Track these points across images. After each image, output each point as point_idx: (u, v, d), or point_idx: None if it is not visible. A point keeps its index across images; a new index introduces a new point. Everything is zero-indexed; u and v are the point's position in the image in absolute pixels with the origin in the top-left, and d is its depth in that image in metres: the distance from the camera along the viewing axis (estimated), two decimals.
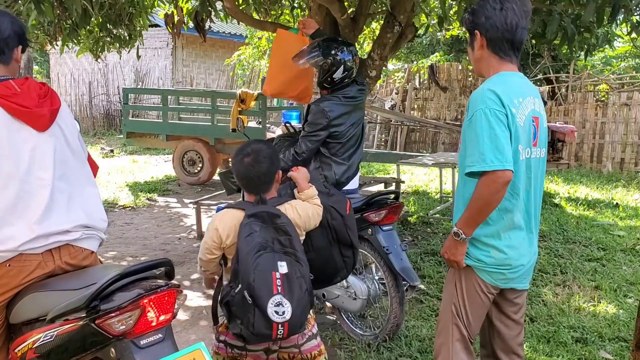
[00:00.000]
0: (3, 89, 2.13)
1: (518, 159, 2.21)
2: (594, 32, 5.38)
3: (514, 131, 2.17)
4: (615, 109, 12.22)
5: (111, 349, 1.93)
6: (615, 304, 4.54)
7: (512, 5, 2.24)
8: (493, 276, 2.35)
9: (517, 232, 2.33)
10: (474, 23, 2.31)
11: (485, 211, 2.22)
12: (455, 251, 2.34)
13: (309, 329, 2.59)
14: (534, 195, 2.37)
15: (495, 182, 2.13)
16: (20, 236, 2.10)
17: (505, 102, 2.16)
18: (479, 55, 2.35)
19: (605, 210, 8.12)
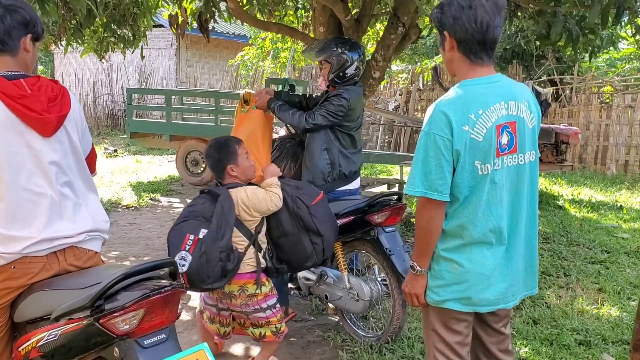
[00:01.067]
0: (13, 89, 2.08)
1: (477, 175, 2.11)
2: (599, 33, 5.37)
3: (466, 149, 2.07)
4: (620, 111, 12.19)
5: (115, 349, 1.93)
6: (619, 307, 4.53)
7: (482, 2, 2.08)
8: (462, 298, 2.22)
9: (481, 247, 2.19)
10: (441, 22, 2.16)
11: (428, 240, 2.21)
12: (416, 284, 2.30)
13: (256, 302, 3.14)
14: (513, 204, 2.23)
15: (427, 208, 2.15)
16: (25, 239, 2.09)
17: (454, 121, 2.06)
18: (449, 57, 2.22)
19: (609, 213, 8.10)
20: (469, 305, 2.22)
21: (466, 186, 2.13)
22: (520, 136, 2.18)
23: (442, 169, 2.08)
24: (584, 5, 4.69)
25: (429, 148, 2.09)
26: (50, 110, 2.15)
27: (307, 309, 4.45)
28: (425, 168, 2.11)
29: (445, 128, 2.06)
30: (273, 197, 3.21)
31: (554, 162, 9.71)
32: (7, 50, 2.16)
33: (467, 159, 2.09)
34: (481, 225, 2.17)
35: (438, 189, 2.10)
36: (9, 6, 2.14)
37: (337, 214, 3.68)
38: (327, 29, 5.15)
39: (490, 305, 2.23)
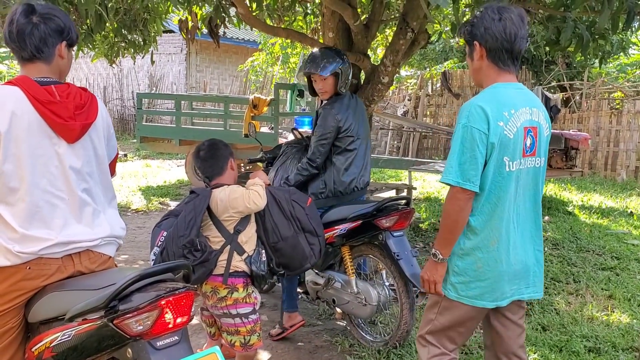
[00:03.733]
0: (43, 94, 2.13)
1: (503, 171, 2.27)
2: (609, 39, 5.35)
3: (498, 144, 2.23)
4: (630, 116, 12.13)
5: (128, 350, 1.94)
6: (629, 314, 4.49)
7: (510, 15, 2.29)
8: (485, 295, 2.35)
9: (504, 245, 2.34)
10: (472, 34, 2.36)
11: (454, 229, 2.32)
12: (435, 272, 2.40)
13: (225, 306, 3.09)
14: (529, 203, 2.41)
15: (457, 198, 2.28)
16: (42, 240, 2.12)
17: (491, 116, 2.22)
18: (478, 66, 2.40)
19: (620, 219, 8.05)
20: (492, 301, 2.36)
21: (491, 180, 2.27)
22: (539, 141, 2.38)
23: (476, 161, 2.23)
24: (593, 11, 4.68)
25: (466, 140, 2.24)
26: (76, 118, 2.20)
27: (314, 314, 4.45)
28: (460, 159, 2.25)
29: (483, 122, 2.23)
30: (252, 194, 3.14)
31: (563, 167, 9.67)
32: (43, 58, 2.21)
33: (498, 154, 2.25)
34: (505, 222, 2.32)
35: (471, 180, 2.24)
36: (45, 14, 2.19)
37: (345, 218, 3.69)
38: (336, 35, 5.16)
39: (507, 297, 2.38)
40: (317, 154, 3.84)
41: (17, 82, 2.15)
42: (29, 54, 2.19)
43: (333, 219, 3.78)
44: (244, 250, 3.15)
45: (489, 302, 2.36)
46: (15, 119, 2.08)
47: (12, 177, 2.09)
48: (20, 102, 2.10)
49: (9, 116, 2.07)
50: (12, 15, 2.18)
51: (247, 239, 3.19)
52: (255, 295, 3.21)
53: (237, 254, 3.13)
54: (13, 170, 2.09)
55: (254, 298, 3.19)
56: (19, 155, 2.09)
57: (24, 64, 2.23)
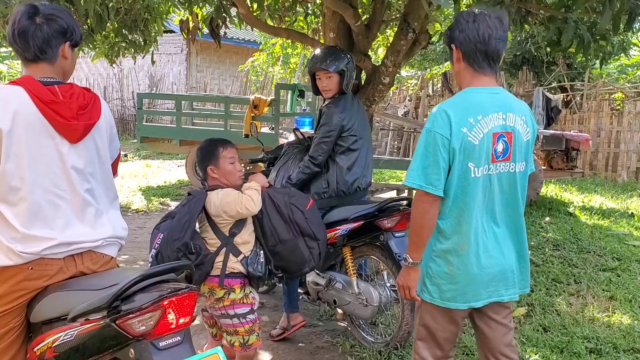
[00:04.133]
0: (47, 94, 2.13)
1: (469, 177, 2.28)
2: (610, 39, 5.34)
3: (461, 150, 2.24)
4: (631, 117, 12.12)
5: (130, 350, 1.95)
6: (630, 315, 4.49)
7: (486, 17, 2.30)
8: (457, 297, 2.37)
9: (475, 246, 2.34)
10: (450, 37, 2.38)
11: (421, 232, 2.35)
12: (408, 277, 2.42)
13: (223, 307, 3.08)
14: (504, 207, 2.41)
15: (421, 201, 2.31)
16: (44, 240, 2.12)
17: (454, 122, 2.24)
18: (457, 69, 2.42)
19: (620, 220, 8.04)
20: (465, 302, 2.37)
21: (456, 185, 2.29)
22: (515, 146, 2.36)
23: (438, 165, 2.25)
24: (595, 11, 4.67)
25: (429, 144, 2.27)
26: (79, 118, 2.20)
27: (315, 314, 4.45)
28: (423, 162, 2.28)
29: (446, 127, 2.24)
30: (244, 198, 3.07)
31: (564, 168, 9.67)
32: (46, 59, 2.21)
33: (461, 159, 2.25)
34: (474, 225, 2.33)
35: (433, 183, 2.26)
36: (48, 15, 2.20)
37: (347, 219, 3.68)
38: (337, 35, 5.15)
39: (483, 299, 2.39)
40: (320, 151, 3.83)
41: (20, 82, 2.15)
42: (32, 54, 2.19)
43: (335, 219, 3.77)
44: (240, 251, 3.14)
45: (461, 303, 2.38)
46: (18, 118, 2.08)
47: (14, 177, 2.09)
48: (23, 101, 2.10)
49: (11, 116, 2.07)
50: (16, 16, 2.17)
51: (244, 240, 3.17)
52: (253, 296, 3.20)
53: (233, 255, 3.12)
54: (15, 169, 2.09)
55: (252, 298, 3.19)
56: (21, 155, 2.09)
57: (27, 65, 2.23)
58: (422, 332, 2.50)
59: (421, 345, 2.50)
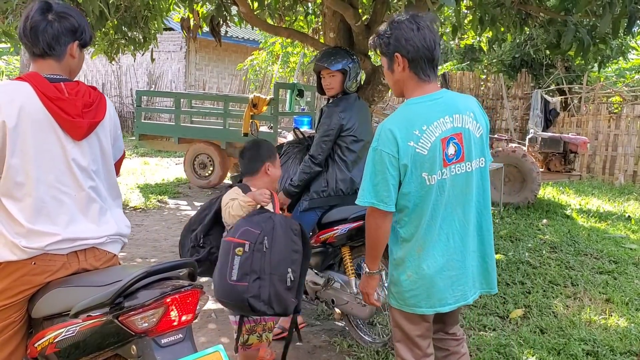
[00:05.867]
0: (53, 91, 2.14)
1: (425, 185, 2.29)
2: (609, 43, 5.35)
3: (412, 163, 2.26)
4: (629, 121, 12.16)
5: (132, 346, 1.95)
6: (627, 318, 4.50)
7: (427, 23, 2.32)
8: (421, 302, 2.40)
9: (432, 249, 2.37)
10: (392, 45, 2.34)
11: (376, 245, 2.42)
12: (367, 284, 2.55)
13: None
14: (461, 209, 2.40)
15: (374, 217, 2.35)
16: (48, 236, 2.13)
17: (399, 139, 2.25)
18: (398, 77, 2.40)
19: (617, 223, 8.06)
20: (429, 307, 2.40)
21: (415, 195, 2.31)
22: (467, 146, 2.37)
23: (387, 183, 2.28)
24: (595, 15, 4.69)
25: (377, 163, 2.29)
26: (84, 116, 2.21)
27: (313, 314, 4.45)
28: (373, 181, 2.30)
29: (392, 145, 2.26)
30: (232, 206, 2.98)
31: (562, 171, 9.70)
32: (54, 55, 2.23)
33: (414, 171, 2.28)
34: (431, 231, 2.35)
35: (384, 200, 2.29)
36: (60, 13, 2.22)
37: (346, 219, 3.68)
38: (337, 35, 5.16)
39: (451, 304, 2.42)
40: (319, 150, 3.84)
41: (27, 78, 2.17)
42: (40, 50, 2.20)
43: (334, 219, 3.77)
44: None
45: (426, 308, 2.40)
46: (23, 114, 2.09)
47: (18, 172, 2.10)
48: (29, 97, 2.11)
49: (17, 111, 2.08)
50: (29, 12, 2.20)
51: None
52: None
53: None
54: (20, 164, 2.10)
55: None
56: (26, 151, 2.10)
57: (35, 60, 2.25)
58: (398, 334, 2.53)
59: (400, 347, 2.53)
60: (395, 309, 2.48)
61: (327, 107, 3.94)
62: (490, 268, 2.54)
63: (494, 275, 2.57)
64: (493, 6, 4.78)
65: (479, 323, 4.31)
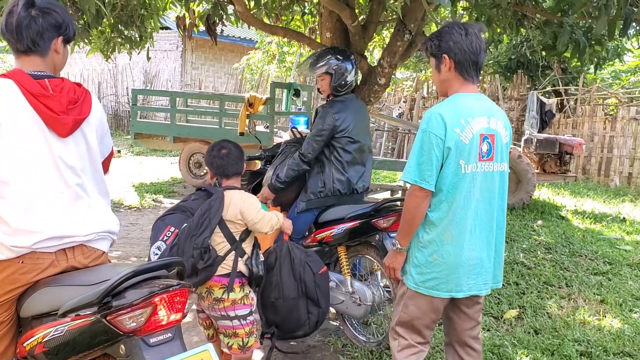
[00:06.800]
0: (37, 88, 2.12)
1: (459, 173, 2.48)
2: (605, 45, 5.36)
3: (454, 148, 2.45)
4: (624, 123, 12.19)
5: (121, 346, 1.94)
6: (621, 319, 4.51)
7: (474, 30, 2.57)
8: (440, 285, 2.55)
9: (459, 237, 2.53)
10: (441, 47, 2.58)
11: (412, 222, 2.55)
12: (395, 260, 2.66)
13: (222, 308, 3.00)
14: (485, 204, 2.58)
15: (415, 195, 2.50)
16: (36, 234, 2.10)
17: (448, 123, 2.44)
18: (445, 77, 2.62)
19: (612, 225, 8.08)
20: (447, 291, 2.56)
21: (449, 180, 2.48)
22: (497, 148, 2.59)
23: (431, 163, 2.45)
24: (591, 16, 4.70)
25: (424, 143, 2.47)
26: (69, 112, 2.18)
27: None
28: (418, 160, 2.48)
29: (440, 128, 2.44)
30: (268, 215, 3.07)
31: (557, 172, 9.72)
32: (38, 51, 2.20)
33: (454, 157, 2.46)
34: (459, 218, 2.51)
35: (427, 179, 2.46)
36: (44, 9, 2.19)
37: (343, 218, 3.69)
38: (333, 35, 5.16)
39: (464, 291, 2.57)
40: (310, 149, 3.86)
41: (10, 75, 2.14)
42: (24, 46, 2.18)
43: (330, 218, 3.78)
44: (245, 252, 3.10)
45: (443, 292, 2.55)
46: (7, 111, 2.07)
47: (4, 170, 2.08)
48: (13, 94, 2.09)
49: (1, 109, 2.06)
50: (12, 7, 2.17)
51: (247, 244, 3.13)
52: (252, 296, 3.16)
53: (239, 257, 3.07)
54: (4, 163, 2.08)
55: (251, 299, 3.14)
56: (11, 148, 2.08)
57: (19, 57, 2.22)
58: (404, 318, 2.66)
59: (401, 330, 2.67)
60: (412, 292, 2.61)
61: (321, 108, 3.96)
62: (500, 264, 2.71)
63: (502, 271, 2.74)
64: (489, 7, 4.78)
65: None
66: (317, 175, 3.90)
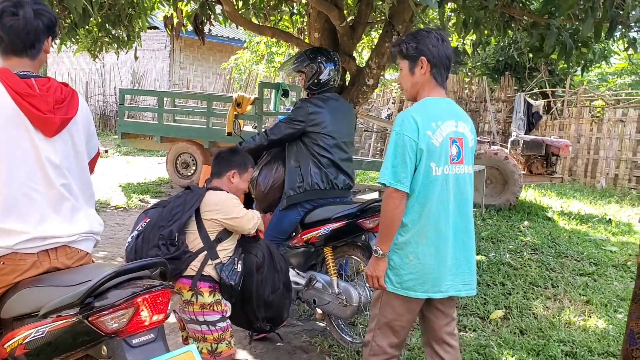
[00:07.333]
0: (23, 87, 2.10)
1: (430, 175, 2.54)
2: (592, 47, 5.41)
3: (426, 150, 2.51)
4: (610, 125, 12.29)
5: (103, 347, 1.92)
6: (606, 319, 4.54)
7: (447, 39, 2.67)
8: (417, 286, 2.58)
9: (432, 240, 2.57)
10: (418, 49, 2.63)
11: (391, 225, 2.58)
12: (377, 267, 2.64)
13: (192, 311, 2.98)
14: (459, 206, 2.63)
15: (392, 197, 2.53)
16: (18, 234, 2.08)
17: (420, 126, 2.51)
18: (418, 80, 2.67)
19: (598, 226, 8.14)
20: (423, 292, 2.60)
21: (420, 183, 2.54)
22: (465, 151, 2.67)
23: (405, 165, 2.51)
24: (577, 19, 4.73)
25: (398, 146, 2.52)
26: (55, 112, 2.16)
27: (294, 314, 4.44)
28: (393, 162, 2.53)
29: (413, 130, 2.51)
30: (250, 213, 3.10)
31: (544, 173, 9.78)
32: (31, 53, 2.20)
33: (425, 159, 2.52)
34: (434, 220, 2.57)
35: (402, 181, 2.51)
36: (38, 10, 2.17)
37: (329, 219, 3.68)
38: (322, 35, 5.16)
39: (442, 292, 2.62)
40: (277, 130, 3.97)
41: None
42: (19, 48, 2.16)
43: (317, 219, 3.77)
44: (218, 256, 3.03)
45: (420, 292, 2.59)
46: None
47: None
48: None
49: None
50: (3, 8, 2.13)
51: (224, 247, 3.07)
52: (225, 303, 3.07)
53: (210, 259, 3.01)
54: None
55: (224, 305, 3.05)
56: None
57: (7, 57, 2.19)
58: (382, 321, 2.69)
59: (379, 333, 2.70)
60: (389, 294, 2.64)
61: (300, 100, 4.11)
62: (470, 269, 2.73)
63: (474, 277, 2.76)
64: (477, 9, 4.80)
65: (460, 324, 4.32)
66: (295, 169, 3.91)
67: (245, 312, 3.18)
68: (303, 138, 3.91)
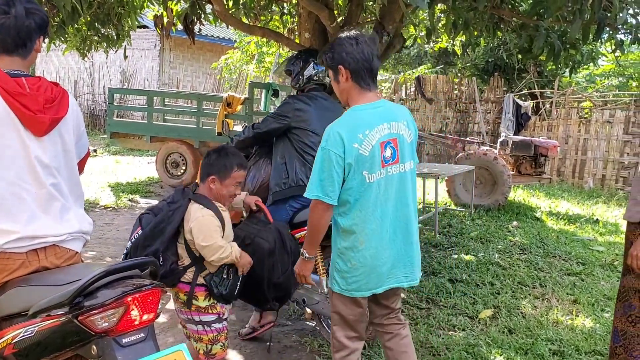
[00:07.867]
0: (13, 86, 2.09)
1: (365, 183, 2.60)
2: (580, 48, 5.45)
3: (355, 163, 2.56)
4: (598, 126, 12.39)
5: (92, 346, 1.91)
6: (593, 318, 4.58)
7: (365, 39, 2.67)
8: (361, 287, 2.69)
9: (373, 240, 2.65)
10: (335, 59, 2.67)
11: (316, 234, 2.71)
12: (304, 268, 2.83)
13: (189, 312, 3.00)
14: (397, 204, 2.70)
15: (318, 209, 2.63)
16: (7, 234, 2.07)
17: (346, 141, 2.55)
18: (343, 87, 2.71)
19: (586, 226, 8.21)
20: (368, 290, 2.70)
21: (356, 191, 2.60)
22: (401, 149, 2.70)
23: (332, 179, 2.57)
24: (566, 21, 4.77)
25: (324, 161, 2.58)
26: (46, 111, 2.15)
27: (284, 314, 4.44)
28: (320, 176, 2.59)
29: (339, 146, 2.55)
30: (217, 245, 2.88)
31: (532, 174, 9.83)
32: (23, 52, 2.19)
33: (357, 170, 2.58)
34: (371, 224, 2.64)
35: (328, 194, 2.59)
36: (30, 9, 2.17)
37: None
38: (312, 35, 5.17)
39: (384, 286, 2.72)
40: (263, 124, 4.00)
41: None
42: (11, 47, 2.16)
43: (304, 218, 3.77)
44: (205, 268, 2.97)
45: (365, 291, 2.71)
46: None
47: None
48: None
49: None
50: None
51: None
52: (221, 305, 3.07)
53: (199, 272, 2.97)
54: None
55: (220, 307, 3.05)
56: None
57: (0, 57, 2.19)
58: (336, 318, 2.82)
59: (337, 329, 2.82)
60: (337, 293, 2.75)
61: (288, 97, 4.18)
62: (417, 259, 2.83)
63: (419, 267, 2.86)
64: (466, 10, 4.83)
65: (448, 323, 4.35)
66: (281, 166, 3.91)
67: (256, 294, 3.31)
68: (289, 134, 3.92)
